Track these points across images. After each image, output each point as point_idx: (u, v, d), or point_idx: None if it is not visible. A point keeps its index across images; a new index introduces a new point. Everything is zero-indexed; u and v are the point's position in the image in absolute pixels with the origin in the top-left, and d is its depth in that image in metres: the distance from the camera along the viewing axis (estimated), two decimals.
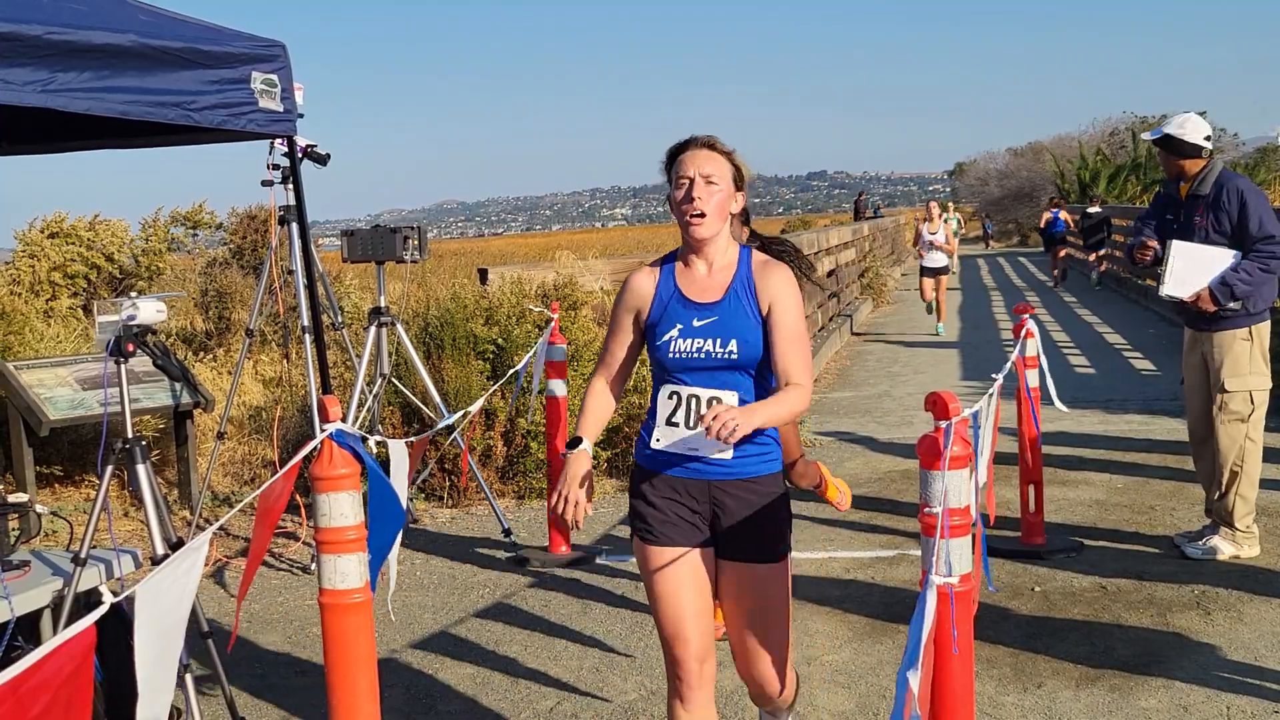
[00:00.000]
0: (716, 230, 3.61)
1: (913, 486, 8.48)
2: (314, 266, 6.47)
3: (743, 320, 3.58)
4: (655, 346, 3.63)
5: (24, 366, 8.26)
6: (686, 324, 3.60)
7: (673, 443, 3.61)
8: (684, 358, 3.57)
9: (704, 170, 3.54)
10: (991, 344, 17.45)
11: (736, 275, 3.65)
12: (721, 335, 3.57)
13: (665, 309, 3.65)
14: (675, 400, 3.60)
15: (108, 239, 15.81)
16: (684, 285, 3.67)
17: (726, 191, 3.60)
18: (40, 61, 4.03)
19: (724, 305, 3.60)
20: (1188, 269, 6.42)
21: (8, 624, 3.86)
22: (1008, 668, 5.27)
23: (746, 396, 3.60)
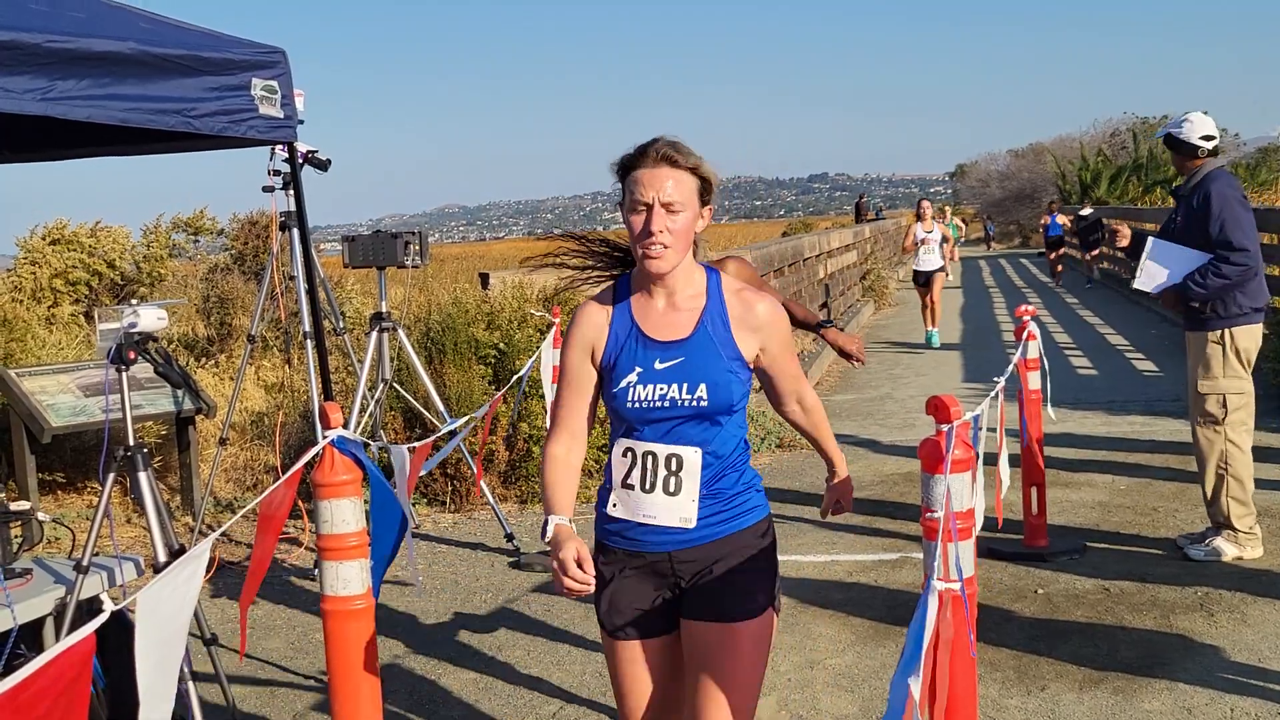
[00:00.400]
0: (679, 262, 3.03)
1: (915, 489, 8.48)
2: (315, 272, 6.46)
3: (713, 360, 3.05)
4: (611, 394, 3.09)
5: (26, 373, 8.26)
6: (647, 367, 3.06)
7: (629, 510, 3.12)
8: (645, 407, 3.05)
9: (665, 196, 2.94)
10: (993, 346, 17.44)
11: (707, 307, 3.10)
12: (689, 379, 3.04)
13: (622, 349, 3.10)
14: (630, 458, 3.10)
15: (109, 245, 15.82)
16: (643, 320, 3.12)
17: (691, 214, 3.01)
18: (40, 69, 4.03)
19: (692, 343, 3.07)
20: (1159, 266, 6.53)
21: (10, 632, 3.86)
22: (1011, 670, 5.27)
23: (718, 451, 3.10)
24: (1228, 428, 6.50)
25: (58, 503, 8.87)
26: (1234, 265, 6.29)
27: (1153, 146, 44.24)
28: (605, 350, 3.13)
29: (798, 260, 16.48)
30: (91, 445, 8.96)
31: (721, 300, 3.12)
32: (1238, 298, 6.40)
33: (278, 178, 7.19)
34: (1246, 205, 6.47)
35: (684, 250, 3.02)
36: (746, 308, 3.11)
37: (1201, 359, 6.52)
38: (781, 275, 14.99)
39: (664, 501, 3.07)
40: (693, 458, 3.06)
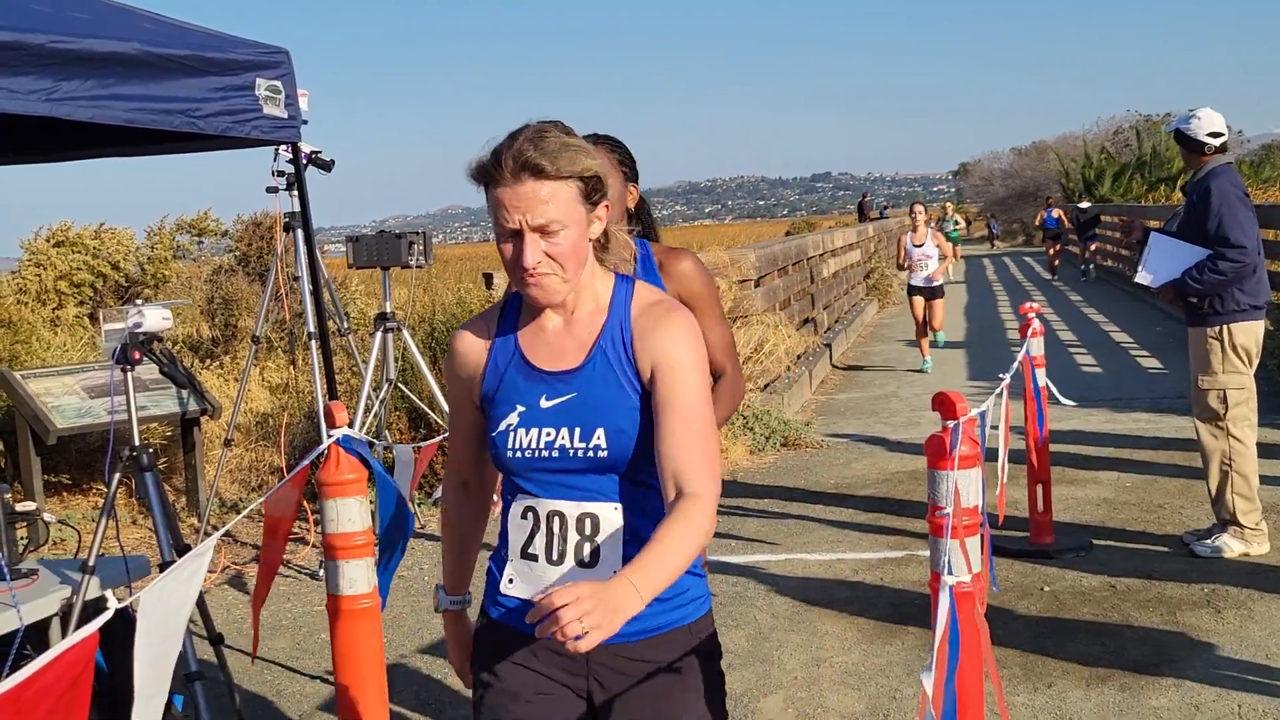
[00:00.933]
0: (572, 286, 2.41)
1: (920, 487, 8.48)
2: (319, 272, 6.47)
3: (614, 395, 2.40)
4: (490, 439, 2.48)
5: (31, 375, 8.27)
6: (531, 404, 2.44)
7: (531, 587, 2.47)
8: (528, 458, 2.42)
9: (534, 219, 2.30)
10: (998, 344, 17.43)
11: (608, 327, 2.45)
12: (582, 421, 2.40)
13: (502, 381, 2.49)
14: (531, 521, 2.45)
15: (113, 247, 15.84)
16: (529, 345, 2.49)
17: (576, 229, 2.36)
18: (44, 70, 4.03)
19: (585, 374, 2.43)
20: (1160, 260, 6.56)
21: (17, 632, 3.86)
22: (1017, 667, 5.26)
23: (647, 510, 2.44)
24: (1230, 423, 6.50)
25: (63, 504, 8.88)
26: (1231, 262, 6.29)
27: (1156, 144, 44.24)
28: (483, 383, 2.53)
29: (801, 259, 16.48)
30: (97, 447, 8.97)
31: (628, 317, 2.45)
32: (1236, 294, 6.41)
33: (281, 178, 7.19)
34: (1247, 202, 6.47)
35: (577, 270, 2.40)
36: (653, 324, 2.42)
37: (1201, 355, 6.53)
38: (785, 274, 14.98)
39: (578, 576, 2.41)
40: (612, 516, 2.40)
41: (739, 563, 7.05)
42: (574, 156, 2.34)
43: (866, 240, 26.23)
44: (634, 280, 2.53)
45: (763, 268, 13.28)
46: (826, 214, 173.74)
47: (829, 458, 9.98)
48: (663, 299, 2.49)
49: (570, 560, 2.42)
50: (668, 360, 2.38)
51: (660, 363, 2.39)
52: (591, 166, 2.36)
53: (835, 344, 16.66)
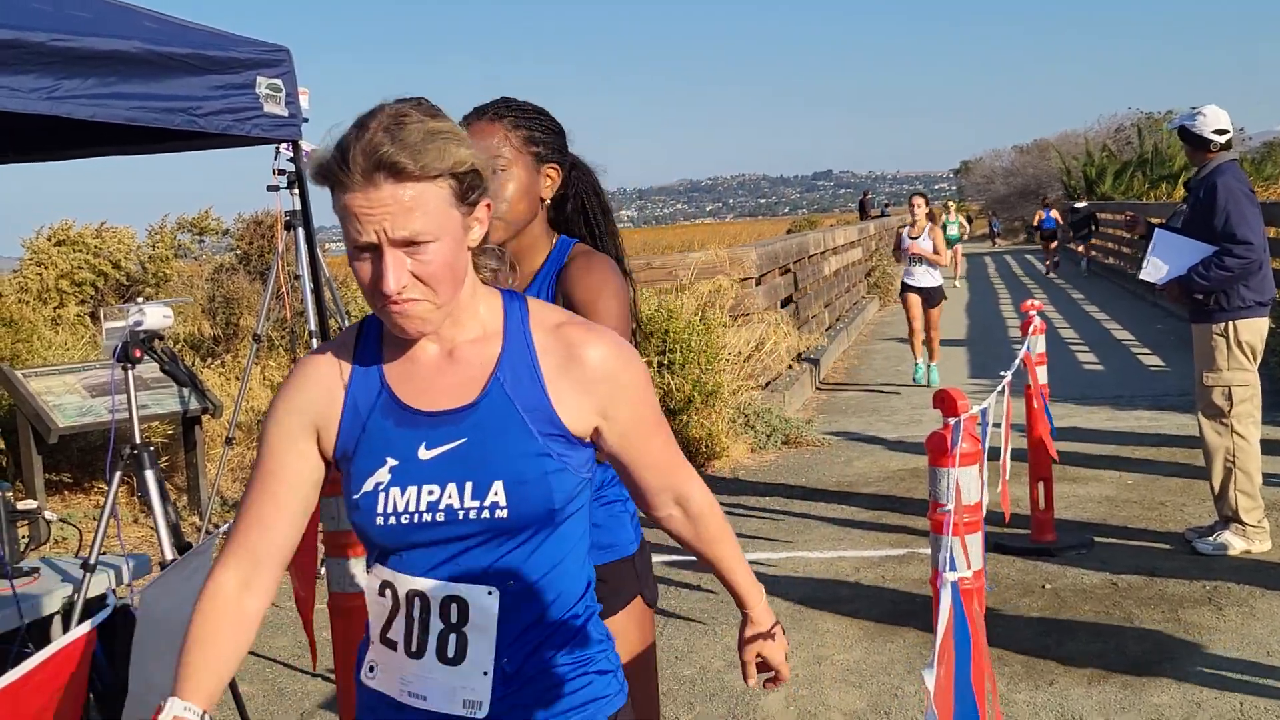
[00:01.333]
0: (446, 313, 1.94)
1: (922, 485, 8.47)
2: (321, 270, 6.47)
3: (515, 440, 1.93)
4: (352, 503, 1.96)
5: (32, 374, 8.27)
6: (407, 457, 1.94)
7: (389, 679, 2.02)
8: (404, 524, 1.92)
9: (395, 231, 1.83)
10: (1000, 342, 17.42)
11: (505, 355, 1.98)
12: (475, 474, 1.92)
13: (365, 429, 1.98)
14: (390, 600, 1.98)
15: (115, 246, 15.85)
16: (400, 381, 2.00)
17: (450, 240, 1.89)
18: (45, 69, 4.03)
19: (479, 413, 1.95)
20: (1165, 257, 6.57)
21: (18, 630, 3.86)
22: (1019, 665, 5.26)
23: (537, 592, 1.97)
24: (1234, 420, 6.50)
25: (65, 503, 8.88)
26: (1237, 258, 6.29)
27: (1158, 142, 44.24)
28: (339, 431, 2.00)
29: (803, 257, 16.47)
30: (98, 445, 8.97)
31: (528, 342, 2.00)
32: (1241, 290, 6.40)
33: (282, 177, 7.20)
34: (1253, 199, 6.48)
35: (453, 291, 1.92)
36: (570, 351, 1.99)
37: (1205, 352, 6.52)
38: (787, 272, 14.98)
39: (440, 674, 1.96)
40: (486, 604, 1.93)
41: None
42: (443, 148, 1.86)
43: (868, 238, 26.23)
44: (524, 298, 2.06)
45: (764, 266, 13.27)
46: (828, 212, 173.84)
47: (830, 456, 9.97)
48: (569, 320, 2.04)
49: (431, 654, 1.96)
50: (617, 399, 2.01)
51: (608, 405, 2.00)
52: (466, 159, 1.89)
53: (825, 358, 16.62)
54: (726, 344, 10.66)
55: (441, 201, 1.87)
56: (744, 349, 11.41)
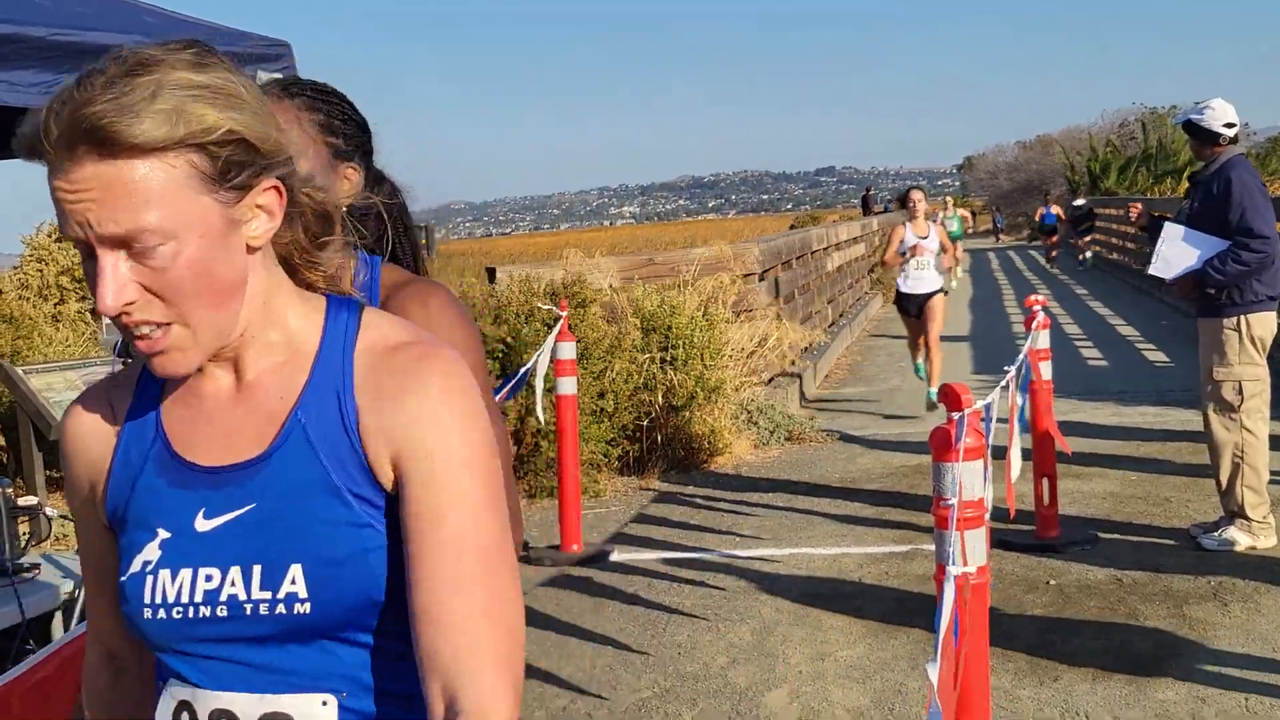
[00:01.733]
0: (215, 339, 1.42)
1: (925, 481, 8.45)
2: None
3: (320, 505, 1.41)
4: (119, 587, 1.47)
5: (33, 371, 8.25)
6: (180, 528, 1.44)
7: None
8: (178, 619, 1.42)
9: (103, 223, 1.32)
10: (1003, 337, 17.40)
11: (312, 387, 1.46)
12: (265, 552, 1.41)
13: (134, 488, 1.49)
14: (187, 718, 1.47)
15: None
16: (178, 425, 1.50)
17: (202, 232, 1.36)
18: (45, 63, 4.01)
19: (272, 469, 1.43)
20: (1175, 251, 6.54)
21: (19, 626, 3.85)
22: (1024, 661, 5.24)
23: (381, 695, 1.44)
24: (1244, 415, 6.48)
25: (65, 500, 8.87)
26: (1254, 252, 6.27)
27: (1162, 137, 44.21)
28: (106, 490, 1.52)
29: (806, 253, 16.46)
30: None
31: (348, 370, 1.46)
32: (1254, 285, 6.39)
33: None
34: (1265, 193, 6.47)
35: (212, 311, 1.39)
36: (399, 384, 1.43)
37: (1216, 346, 6.50)
38: (790, 268, 14.96)
39: None
40: (320, 715, 1.42)
41: (743, 557, 7.03)
42: (180, 108, 1.33)
43: (871, 234, 26.22)
44: (361, 306, 1.53)
45: (767, 261, 13.25)
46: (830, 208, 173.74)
47: (833, 452, 9.96)
48: (413, 340, 1.48)
49: None
50: (423, 450, 1.40)
51: (407, 453, 1.41)
52: (219, 124, 1.35)
53: (828, 354, 16.59)
54: (729, 340, 10.65)
55: (177, 184, 1.33)
56: (747, 345, 11.40)
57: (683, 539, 7.50)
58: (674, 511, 8.25)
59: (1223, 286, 6.40)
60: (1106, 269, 29.90)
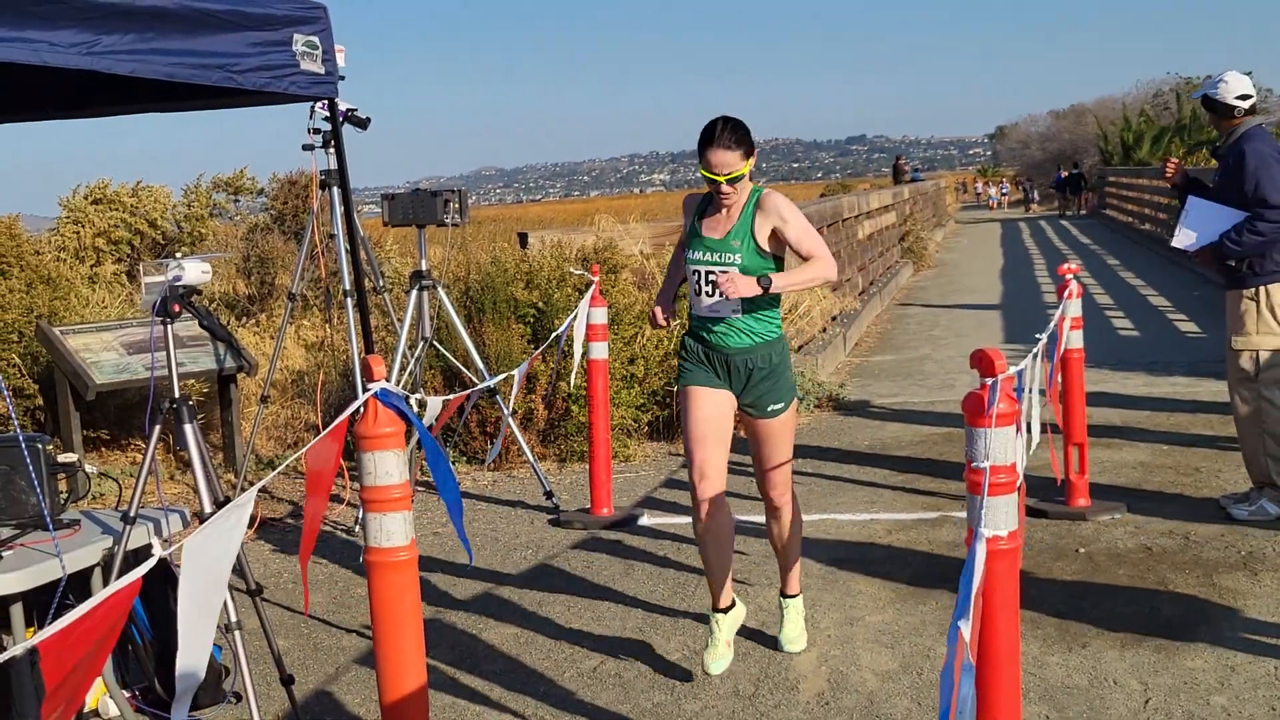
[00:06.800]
0: None
1: (955, 449, 8.46)
2: (356, 230, 6.48)
3: None
4: None
5: (70, 331, 8.33)
6: None
7: None
8: None
9: None
10: (1034, 306, 17.34)
11: None
12: None
13: None
14: None
15: (150, 205, 15.92)
16: None
17: None
18: (85, 24, 4.04)
19: None
20: (1197, 224, 6.56)
21: (60, 581, 3.91)
22: (1052, 628, 5.26)
23: None
24: (1261, 385, 6.47)
25: (102, 459, 8.96)
26: (1270, 223, 6.25)
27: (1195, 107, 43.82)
28: None
29: (837, 221, 16.41)
30: (135, 403, 9.04)
31: None
32: (1274, 255, 6.38)
33: (318, 136, 7.20)
34: None
35: None
36: None
37: (1235, 316, 6.50)
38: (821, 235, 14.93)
39: None
40: None
41: None
42: None
43: (902, 203, 26.11)
44: None
45: None
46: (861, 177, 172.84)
47: (862, 420, 9.96)
48: None
49: None
50: None
51: None
52: None
53: (858, 322, 16.53)
54: None
55: None
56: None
57: None
58: None
59: (1240, 258, 6.39)
60: (1139, 240, 29.70)
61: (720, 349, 4.92)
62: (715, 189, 4.77)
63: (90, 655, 2.36)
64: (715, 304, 4.82)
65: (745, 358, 4.90)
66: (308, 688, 5.09)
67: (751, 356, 4.91)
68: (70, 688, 2.34)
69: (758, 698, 4.76)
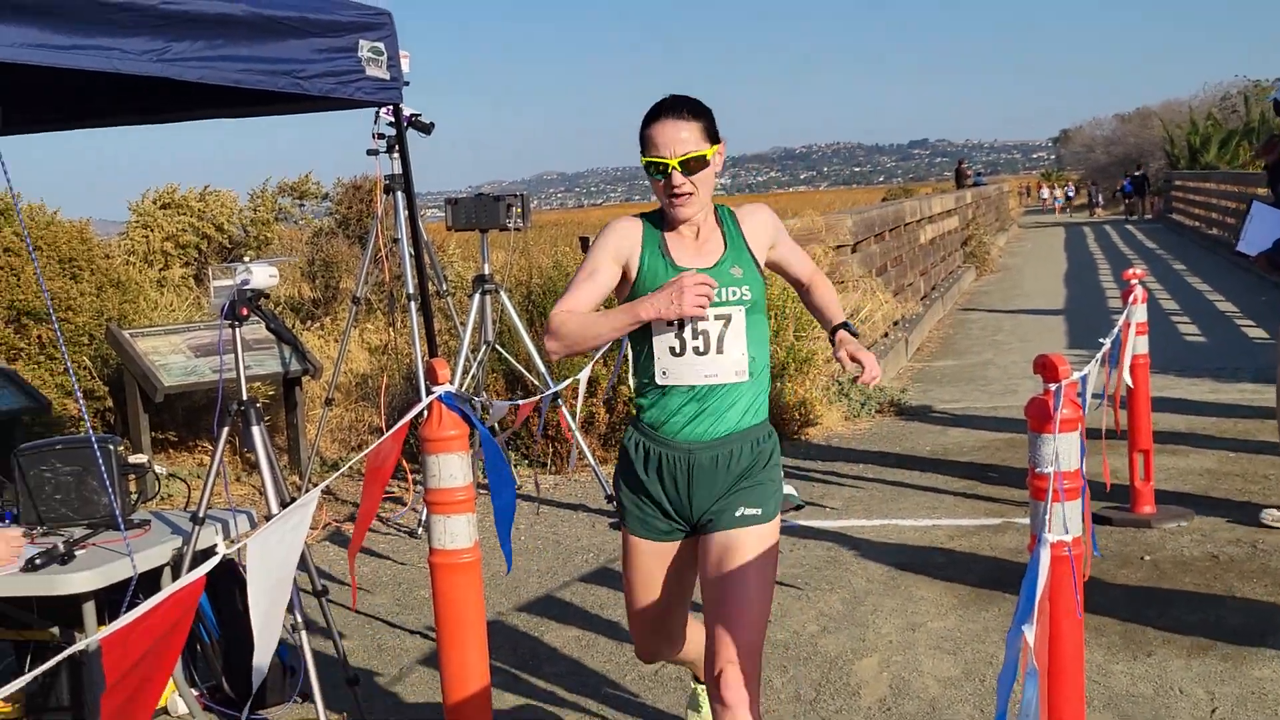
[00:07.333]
0: None
1: (1017, 455, 8.39)
2: (420, 234, 6.53)
3: None
4: None
5: (139, 334, 8.45)
6: None
7: None
8: None
9: None
10: (1099, 311, 17.17)
11: None
12: None
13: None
14: None
15: (218, 210, 16.13)
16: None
17: None
18: (155, 31, 4.10)
19: None
20: (1261, 230, 6.50)
21: (130, 580, 3.97)
22: (1117, 636, 5.21)
23: None
24: None
25: (170, 461, 9.08)
26: None
27: (1265, 110, 43.23)
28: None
29: (899, 225, 16.34)
30: (202, 405, 9.16)
31: None
32: None
33: (382, 141, 7.27)
34: None
35: None
36: None
37: None
38: (882, 240, 14.87)
39: None
40: None
41: (833, 528, 7.05)
42: None
43: (964, 207, 25.94)
44: None
45: (859, 233, 13.19)
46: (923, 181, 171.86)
47: (925, 424, 9.91)
48: None
49: None
50: None
51: None
52: None
53: (920, 327, 16.44)
54: None
55: None
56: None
57: None
58: None
59: None
60: (1205, 244, 29.33)
61: (686, 445, 3.48)
62: (665, 184, 3.44)
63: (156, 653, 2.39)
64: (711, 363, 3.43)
65: (718, 452, 3.48)
66: (372, 688, 5.14)
67: (730, 448, 3.48)
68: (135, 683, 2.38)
69: (819, 702, 4.75)
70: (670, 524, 3.58)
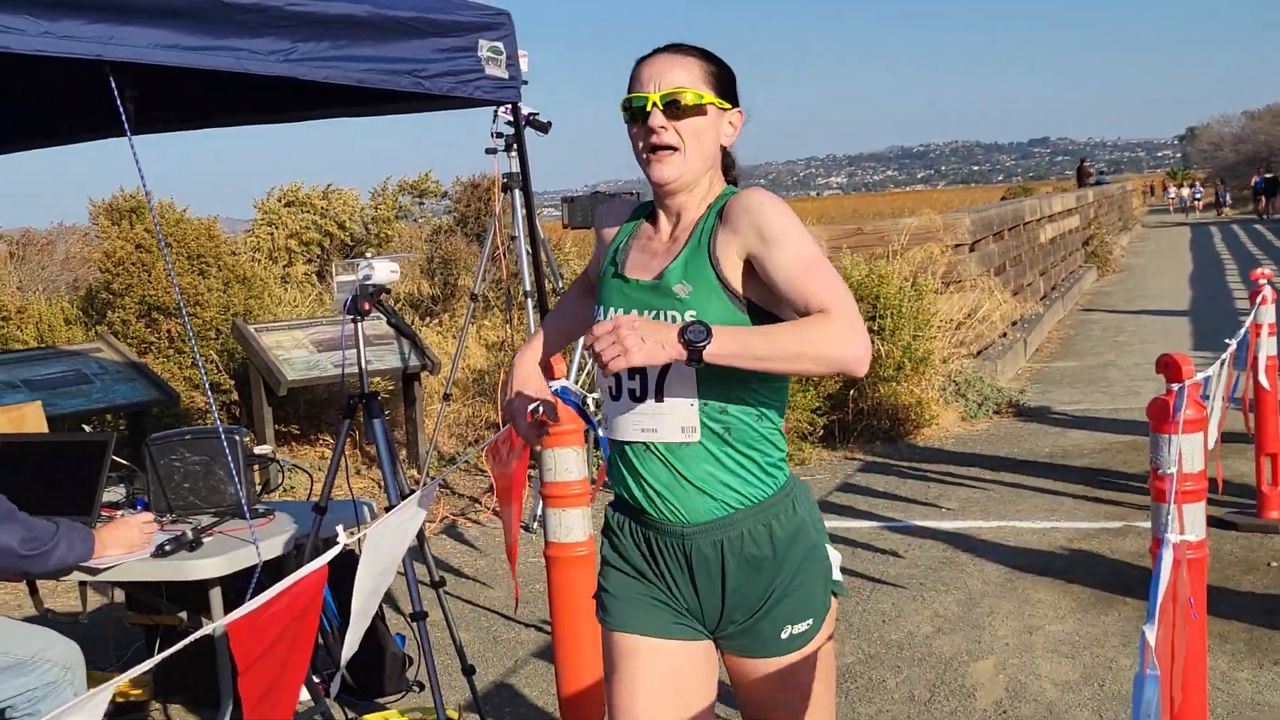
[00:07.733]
0: None
1: (1139, 458, 8.24)
2: (537, 231, 6.59)
3: None
4: None
5: (264, 329, 8.64)
6: None
7: None
8: None
9: None
10: (1225, 313, 16.78)
11: None
12: None
13: None
14: None
15: (340, 207, 16.43)
16: None
17: None
18: (282, 32, 4.20)
19: None
20: None
21: (255, 568, 4.06)
22: (1241, 643, 5.10)
23: None
24: None
25: (292, 453, 9.27)
26: None
27: None
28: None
29: (1018, 224, 16.11)
30: (323, 399, 9.33)
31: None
32: None
33: (500, 139, 7.35)
34: None
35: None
36: None
37: None
38: (1001, 239, 14.67)
39: None
40: None
41: (949, 528, 6.98)
42: None
43: (1086, 206, 25.50)
44: None
45: (977, 232, 13.03)
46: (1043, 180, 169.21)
47: (1043, 426, 9.77)
48: None
49: None
50: None
51: None
52: None
53: (1039, 327, 16.16)
54: (938, 311, 10.51)
55: None
56: (955, 316, 11.24)
57: (887, 509, 7.48)
58: (879, 481, 8.22)
59: None
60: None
61: (662, 526, 2.54)
62: (642, 131, 2.51)
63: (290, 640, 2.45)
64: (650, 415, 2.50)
65: (717, 539, 2.51)
66: (488, 679, 5.20)
67: (730, 535, 2.50)
68: (274, 670, 2.44)
69: (933, 704, 4.72)
70: (680, 617, 2.60)
